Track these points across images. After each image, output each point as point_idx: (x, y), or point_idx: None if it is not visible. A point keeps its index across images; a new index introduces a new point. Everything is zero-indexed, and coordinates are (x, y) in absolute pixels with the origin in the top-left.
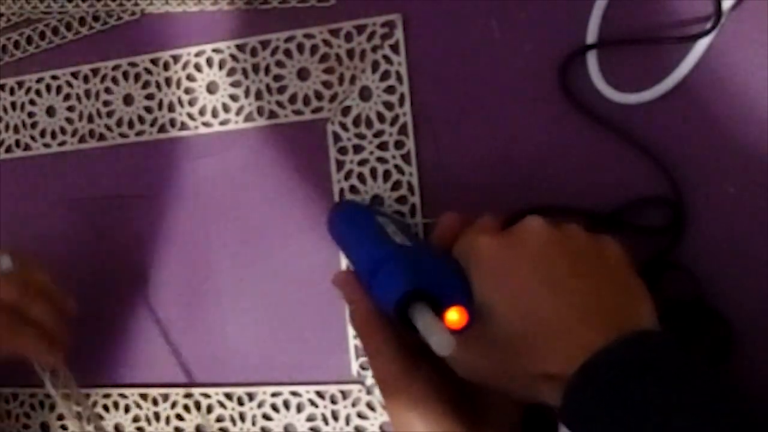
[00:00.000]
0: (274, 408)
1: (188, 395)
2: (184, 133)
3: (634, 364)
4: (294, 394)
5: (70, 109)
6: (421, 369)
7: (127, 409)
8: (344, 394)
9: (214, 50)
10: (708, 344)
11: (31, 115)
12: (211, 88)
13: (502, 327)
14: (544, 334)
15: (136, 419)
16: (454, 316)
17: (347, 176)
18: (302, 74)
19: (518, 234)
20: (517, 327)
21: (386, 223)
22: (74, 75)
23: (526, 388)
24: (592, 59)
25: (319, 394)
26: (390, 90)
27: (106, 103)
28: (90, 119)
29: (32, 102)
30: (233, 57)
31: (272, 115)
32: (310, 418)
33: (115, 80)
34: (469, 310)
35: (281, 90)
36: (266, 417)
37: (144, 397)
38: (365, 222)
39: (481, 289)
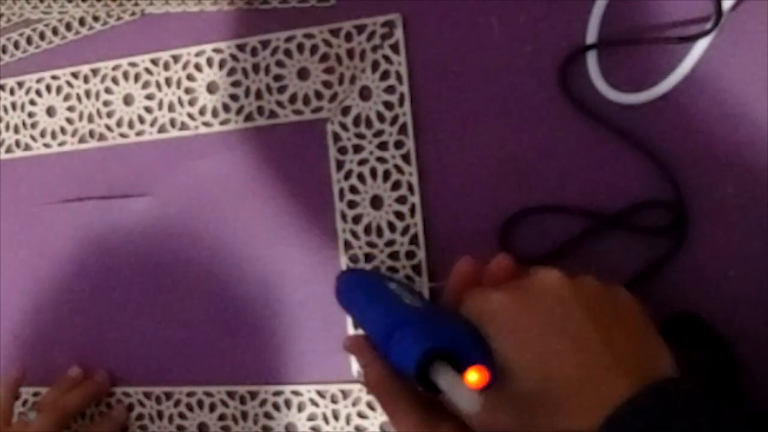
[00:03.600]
0: (276, 407)
1: (191, 394)
2: (184, 133)
3: (659, 414)
4: (295, 393)
5: (70, 109)
6: (444, 425)
7: (130, 408)
8: (345, 394)
9: (214, 50)
10: (717, 377)
11: (31, 115)
12: (211, 88)
13: (522, 384)
14: (567, 388)
15: (139, 417)
16: (475, 375)
17: (347, 176)
18: (302, 74)
19: (531, 288)
20: (538, 383)
21: (395, 287)
22: (74, 75)
23: None
24: (592, 59)
25: (320, 394)
26: (390, 90)
27: (106, 103)
28: (90, 119)
29: (32, 102)
30: (233, 57)
31: (272, 115)
32: (311, 418)
33: (115, 80)
34: (489, 369)
35: (281, 90)
36: (268, 416)
37: (147, 395)
38: (375, 286)
39: (499, 347)
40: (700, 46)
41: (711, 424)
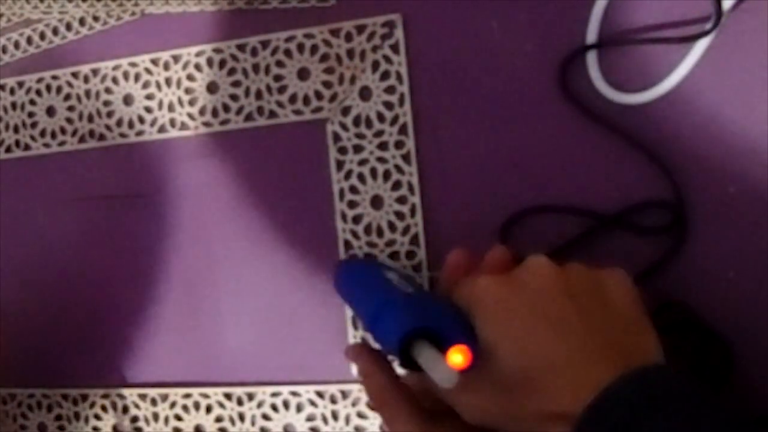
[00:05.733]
0: (274, 408)
1: (187, 395)
2: (184, 133)
3: (643, 399)
4: (293, 393)
5: (70, 109)
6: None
7: (125, 410)
8: (344, 394)
9: (214, 50)
10: (708, 368)
11: (31, 115)
12: (211, 88)
13: (506, 367)
14: (550, 372)
15: (134, 420)
16: (457, 355)
17: (347, 176)
18: (302, 74)
19: (519, 274)
20: (521, 367)
21: (392, 275)
22: (74, 75)
23: (535, 429)
24: (592, 59)
25: (319, 394)
26: (390, 90)
27: (106, 103)
28: (90, 119)
29: (32, 102)
30: (233, 57)
31: (272, 115)
32: (310, 418)
33: (115, 80)
34: (472, 350)
35: (281, 90)
36: (266, 417)
37: (143, 397)
38: (370, 274)
39: (483, 330)
40: (700, 46)
41: (693, 411)
